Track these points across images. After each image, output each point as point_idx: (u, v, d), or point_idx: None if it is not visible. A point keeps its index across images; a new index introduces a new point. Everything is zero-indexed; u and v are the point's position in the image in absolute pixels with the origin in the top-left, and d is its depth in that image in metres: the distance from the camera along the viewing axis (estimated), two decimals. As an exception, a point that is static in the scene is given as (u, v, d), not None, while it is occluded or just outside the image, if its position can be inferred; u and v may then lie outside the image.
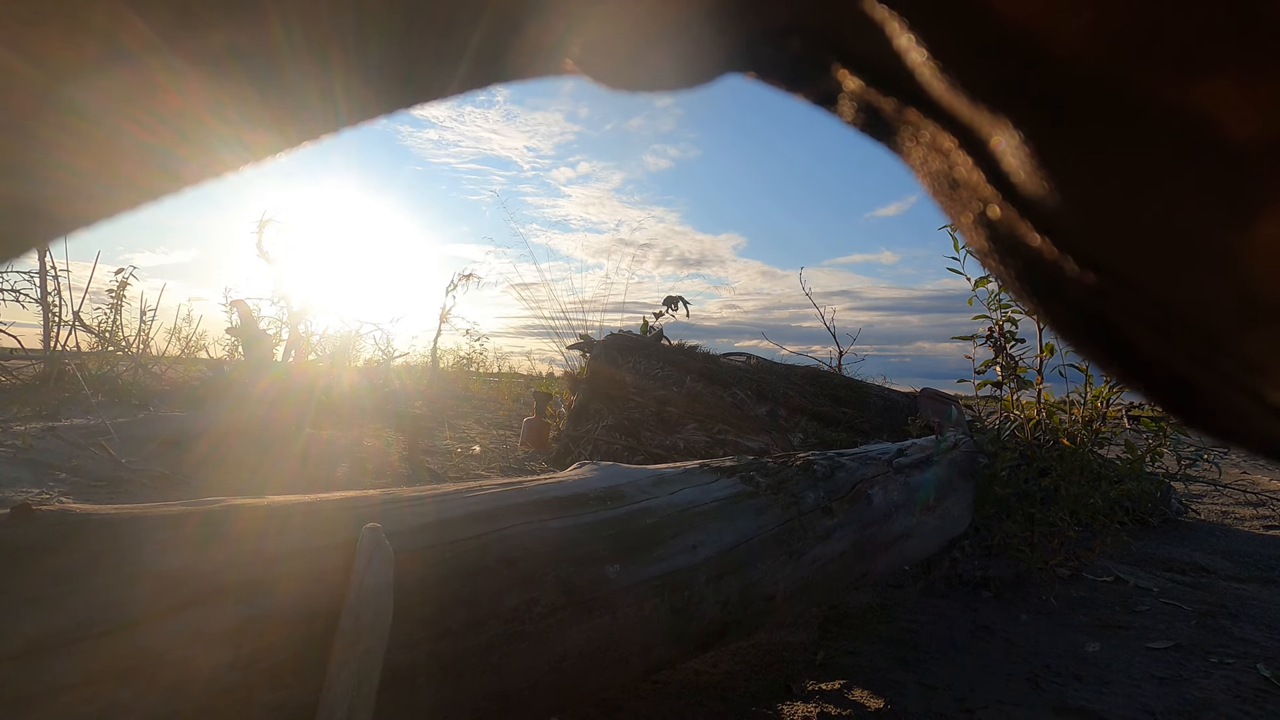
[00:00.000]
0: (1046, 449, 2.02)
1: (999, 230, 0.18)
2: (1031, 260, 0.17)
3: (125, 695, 0.48)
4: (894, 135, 0.20)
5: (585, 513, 0.89)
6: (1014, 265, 0.18)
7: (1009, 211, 0.17)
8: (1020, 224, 0.17)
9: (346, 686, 0.57)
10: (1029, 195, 0.16)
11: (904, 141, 0.20)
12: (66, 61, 0.19)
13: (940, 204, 0.20)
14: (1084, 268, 0.16)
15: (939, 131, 0.18)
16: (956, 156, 0.18)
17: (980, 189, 0.17)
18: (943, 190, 0.19)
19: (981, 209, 0.18)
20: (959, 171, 0.18)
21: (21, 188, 0.22)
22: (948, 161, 0.18)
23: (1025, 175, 0.16)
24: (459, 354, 9.11)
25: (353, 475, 2.75)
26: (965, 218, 0.19)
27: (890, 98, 0.19)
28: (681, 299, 3.81)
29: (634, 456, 2.93)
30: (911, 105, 0.18)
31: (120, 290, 5.02)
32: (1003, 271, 0.19)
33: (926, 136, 0.18)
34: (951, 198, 0.19)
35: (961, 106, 0.16)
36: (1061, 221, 0.16)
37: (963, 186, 0.18)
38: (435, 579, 0.69)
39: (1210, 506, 3.51)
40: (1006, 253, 0.18)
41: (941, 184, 0.19)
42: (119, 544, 0.55)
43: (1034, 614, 1.78)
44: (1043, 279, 0.18)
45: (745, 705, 1.20)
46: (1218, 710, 1.28)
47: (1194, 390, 0.17)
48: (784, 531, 1.15)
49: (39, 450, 2.37)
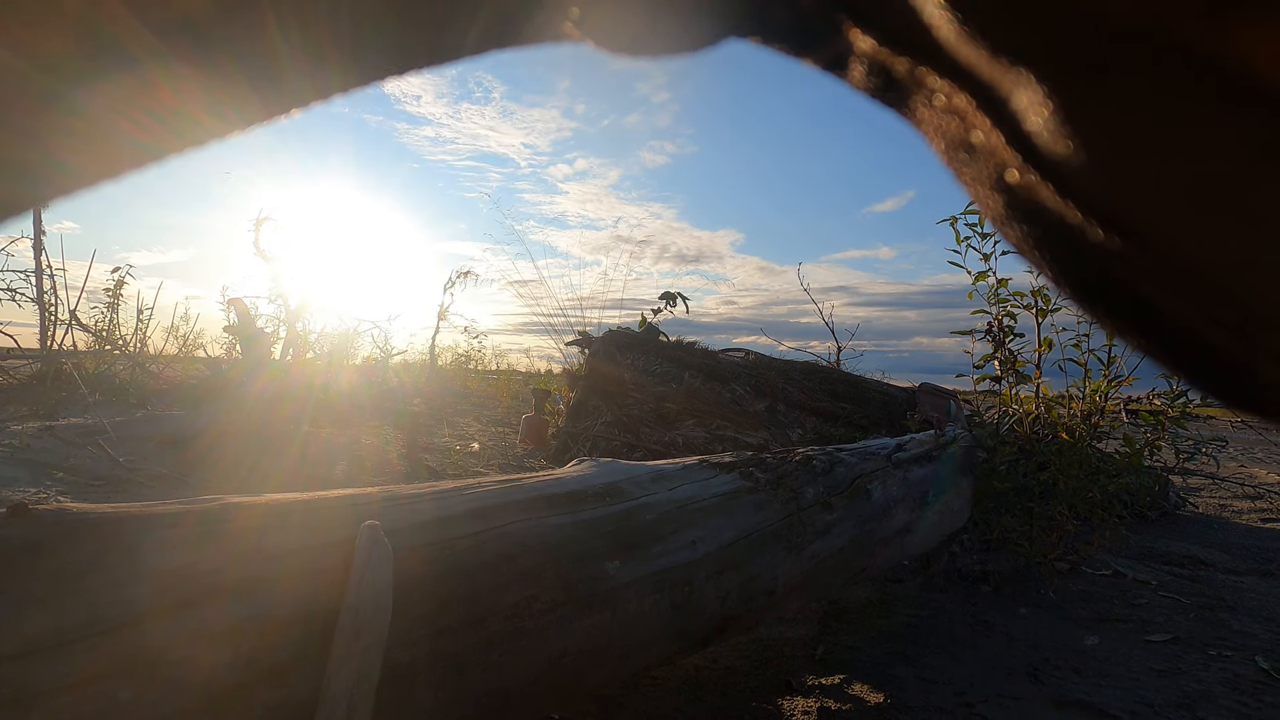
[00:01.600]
0: (1045, 443, 2.03)
1: (1018, 195, 0.17)
2: (1052, 225, 0.17)
3: (125, 695, 0.48)
4: (907, 100, 0.19)
5: (585, 509, 0.89)
6: (1033, 232, 0.17)
7: (1029, 175, 0.16)
8: (1041, 187, 0.16)
9: (346, 684, 0.57)
10: (1052, 156, 0.15)
11: (917, 106, 0.19)
12: (72, 64, 0.19)
13: (955, 171, 0.19)
14: (1108, 231, 0.16)
15: (955, 92, 0.17)
16: (974, 118, 0.17)
17: (999, 152, 0.17)
18: (958, 156, 0.18)
19: (999, 174, 0.17)
20: (976, 135, 0.17)
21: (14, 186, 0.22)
22: (964, 124, 0.17)
23: (1048, 134, 0.15)
24: (457, 352, 9.11)
25: (351, 473, 2.74)
26: (982, 184, 0.18)
27: (904, 57, 0.18)
28: (680, 295, 3.81)
29: (633, 453, 2.93)
30: (927, 64, 0.17)
31: (117, 289, 5.01)
32: (1021, 239, 0.18)
33: (942, 99, 0.18)
34: (967, 163, 0.18)
35: (981, 62, 0.16)
36: (1086, 183, 0.15)
37: (980, 151, 0.17)
38: (434, 576, 0.69)
39: (1208, 500, 3.52)
40: (1025, 219, 0.17)
41: (957, 149, 0.18)
42: (117, 543, 0.54)
43: (1033, 608, 1.78)
44: (1064, 245, 0.17)
45: (745, 700, 1.20)
46: (1216, 702, 1.28)
47: (1221, 358, 0.16)
48: (784, 527, 1.15)
49: (36, 450, 2.37)
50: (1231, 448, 6.22)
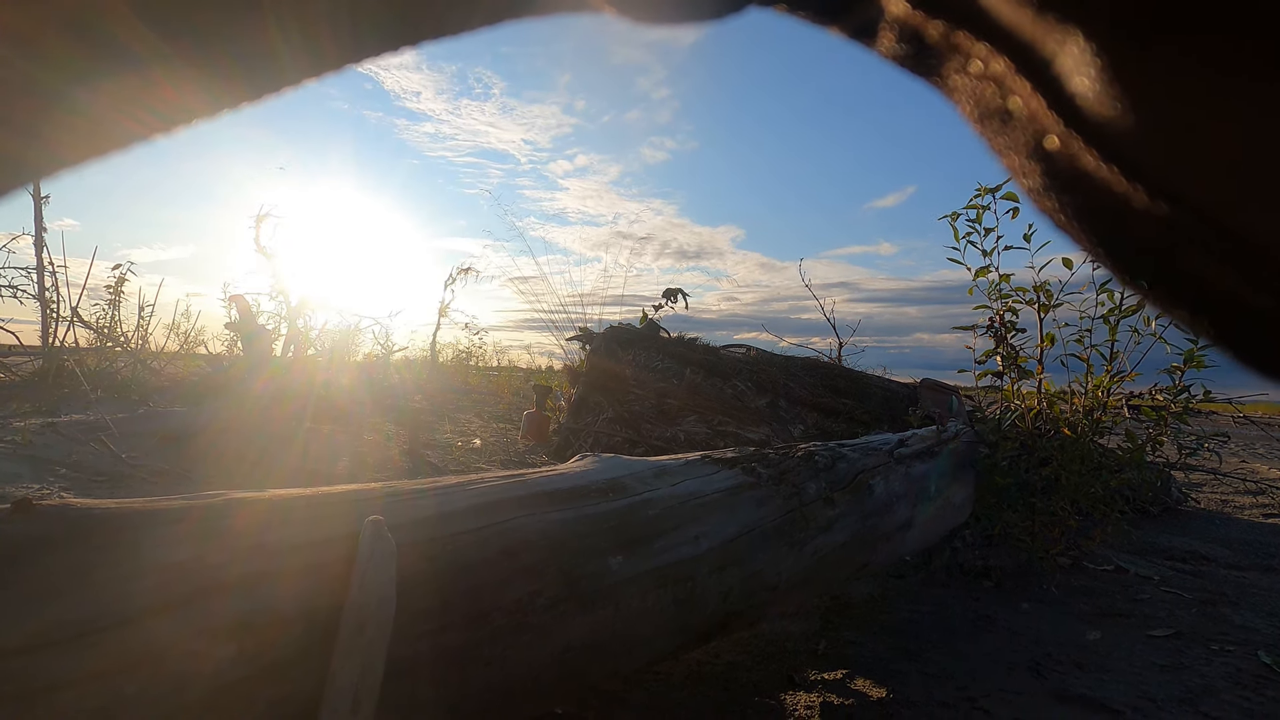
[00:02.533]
0: (1047, 438, 2.02)
1: (1058, 163, 0.16)
2: (1094, 194, 0.16)
3: (129, 690, 0.48)
4: (939, 67, 0.18)
5: (587, 505, 0.89)
6: (1073, 201, 0.17)
7: (1071, 140, 0.16)
8: (1084, 153, 0.15)
9: (350, 680, 0.57)
10: (1098, 118, 0.15)
11: (950, 73, 0.18)
12: (77, 64, 0.19)
13: (989, 140, 0.18)
14: (1155, 198, 0.15)
15: (993, 56, 0.16)
16: (1013, 83, 0.16)
17: (1039, 117, 0.16)
18: (993, 124, 0.18)
19: (1038, 141, 0.16)
20: (1014, 100, 0.17)
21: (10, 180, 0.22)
22: (1001, 90, 0.17)
23: (1095, 95, 0.14)
24: (458, 348, 9.10)
25: (353, 469, 2.75)
26: (1018, 152, 0.17)
27: (939, 20, 0.17)
28: (681, 291, 3.80)
29: (635, 449, 2.93)
30: (963, 27, 0.17)
31: (118, 286, 5.01)
32: (1059, 209, 0.17)
33: (978, 64, 0.17)
34: (1003, 131, 0.17)
35: (1024, 21, 0.15)
36: (1133, 147, 0.15)
37: (1017, 117, 0.17)
38: (437, 572, 0.69)
39: (1210, 495, 3.51)
40: (1065, 188, 0.17)
41: (992, 116, 0.17)
42: (120, 539, 0.54)
43: (1035, 603, 1.78)
44: (1106, 214, 0.16)
45: (748, 695, 1.20)
46: (1219, 697, 1.28)
47: (1276, 332, 0.16)
48: (786, 522, 1.15)
49: (39, 446, 2.37)
50: (1233, 443, 6.21)
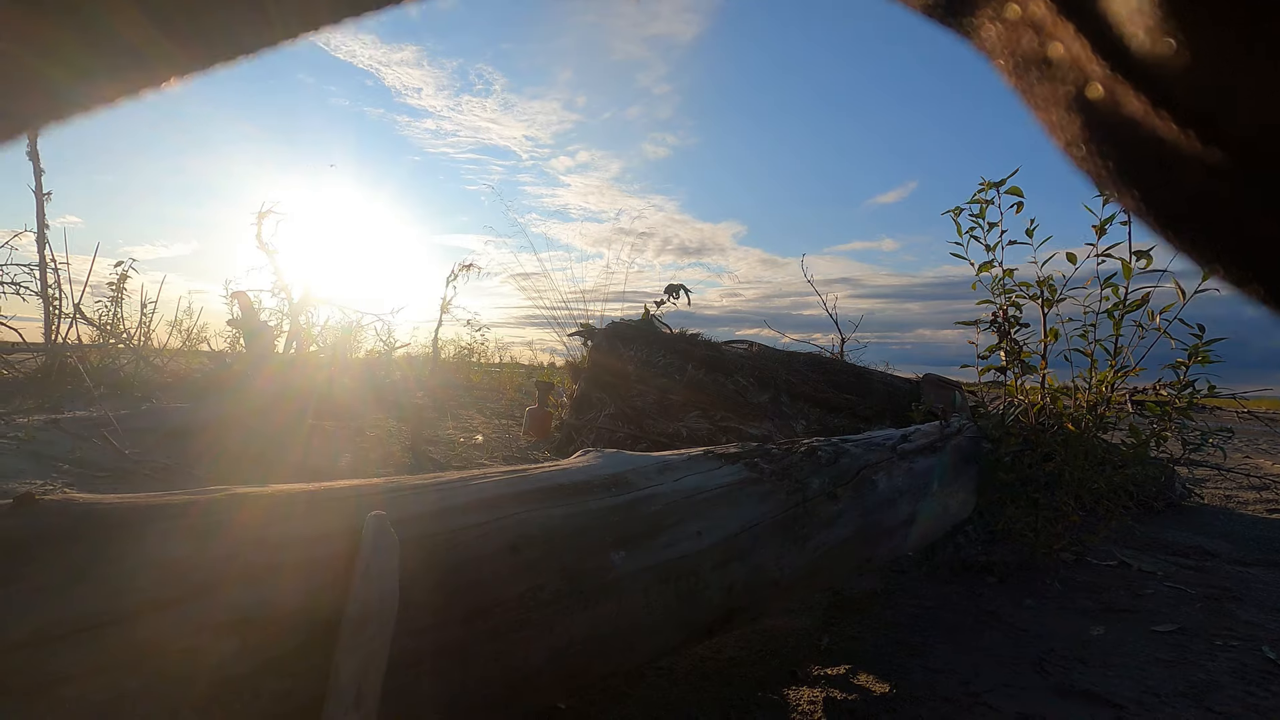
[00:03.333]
0: (1050, 434, 2.02)
1: (1099, 113, 0.16)
2: (1141, 143, 0.15)
3: (133, 684, 0.48)
4: (973, 15, 0.18)
5: (590, 500, 0.89)
6: (1115, 154, 0.16)
7: (1118, 85, 0.15)
8: (1132, 99, 0.15)
9: (353, 673, 0.57)
10: (1151, 58, 0.14)
11: (983, 22, 0.17)
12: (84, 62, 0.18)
13: (1024, 93, 0.18)
14: (1210, 145, 0.14)
15: (1033, 0, 0.16)
16: (1054, 28, 0.16)
17: (1082, 63, 0.15)
18: (1031, 75, 0.17)
19: (1080, 89, 0.16)
20: (1055, 47, 0.16)
21: None
22: (1040, 36, 0.16)
23: (1146, 33, 0.14)
24: (460, 345, 9.10)
25: (355, 465, 2.75)
26: (1057, 104, 0.17)
27: None
28: (683, 287, 3.79)
29: (637, 444, 2.93)
30: None
31: (120, 283, 5.01)
32: (1098, 162, 0.17)
33: (1015, 9, 0.16)
34: (1041, 81, 0.17)
35: None
36: (1189, 89, 0.14)
37: (1058, 65, 0.16)
38: (440, 566, 0.69)
39: (1214, 490, 3.51)
40: (1107, 138, 0.16)
41: (1029, 67, 0.17)
42: (123, 534, 0.54)
43: (1038, 598, 1.78)
44: (1153, 164, 0.15)
45: (751, 690, 1.20)
46: (1223, 692, 1.28)
47: None
48: (789, 517, 1.15)
49: (42, 442, 2.38)
50: (1238, 439, 6.20)
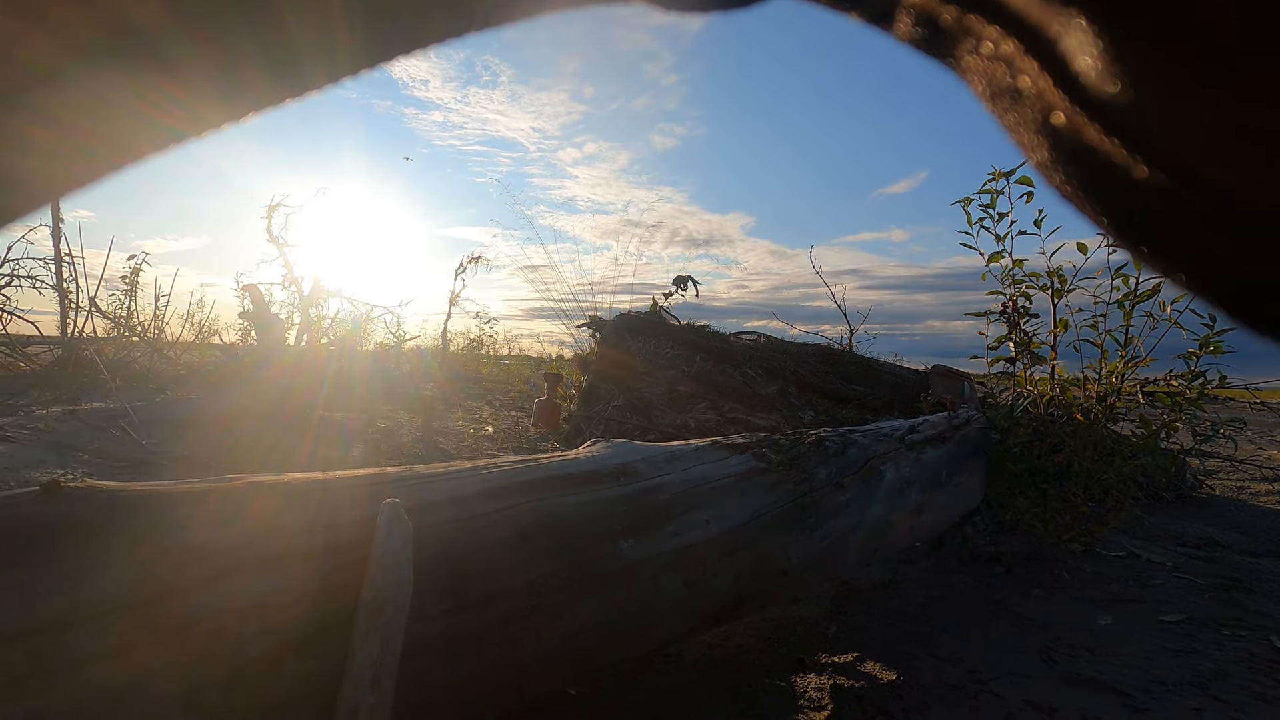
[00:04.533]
0: (1060, 425, 2.01)
1: (1063, 138, 0.18)
2: (1097, 165, 0.17)
3: (157, 664, 0.50)
4: (953, 49, 0.19)
5: (599, 489, 0.90)
6: (1077, 172, 0.18)
7: (1076, 116, 0.17)
8: (1088, 128, 0.17)
9: (370, 657, 0.59)
10: (1099, 95, 0.16)
11: (963, 54, 0.19)
12: (84, 37, 0.19)
13: (1000, 118, 0.19)
14: (1154, 169, 0.16)
15: (1003, 38, 0.18)
16: (1021, 63, 0.17)
17: (1046, 95, 0.17)
18: (1004, 103, 0.19)
19: (1045, 117, 0.18)
20: (1023, 79, 0.18)
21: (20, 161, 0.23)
22: (1011, 70, 0.18)
23: (1097, 74, 0.16)
24: (469, 337, 9.14)
25: (367, 455, 2.78)
26: (1027, 128, 0.18)
27: (951, 5, 0.18)
28: (690, 279, 3.79)
29: (645, 435, 2.94)
30: (974, 11, 0.18)
31: (134, 276, 5.07)
32: (1065, 180, 0.19)
33: (989, 45, 0.18)
34: (1013, 109, 0.19)
35: (1030, 5, 0.16)
36: (1133, 122, 0.16)
37: (1026, 95, 0.18)
38: (452, 554, 0.70)
39: (1226, 482, 3.48)
40: (1070, 160, 0.18)
41: (1003, 95, 0.19)
42: (145, 520, 0.56)
43: (1046, 588, 1.78)
44: (1108, 184, 0.17)
45: (759, 677, 1.22)
46: (1231, 681, 1.28)
47: (1268, 293, 0.17)
48: (796, 507, 1.16)
49: (62, 433, 2.42)
50: (1250, 429, 6.15)
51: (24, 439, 2.30)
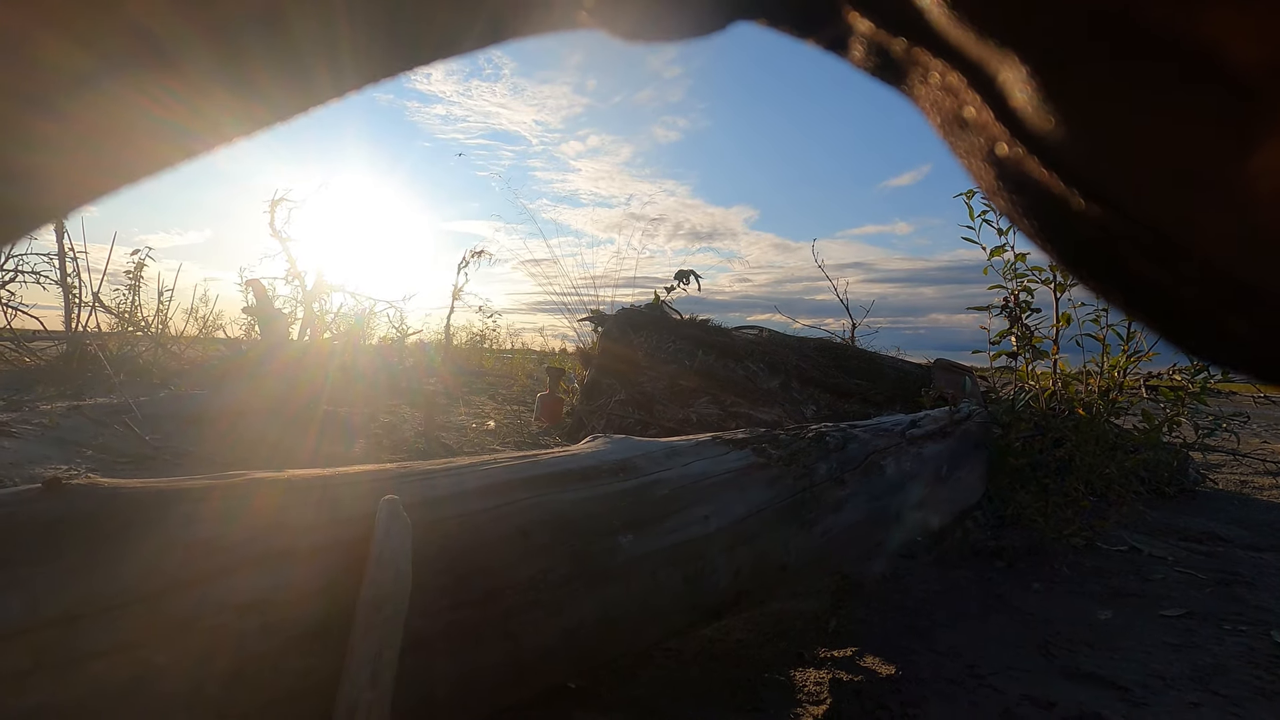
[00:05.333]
0: (1062, 419, 2.01)
1: (1007, 167, 0.18)
2: (1038, 195, 0.18)
3: (160, 660, 0.50)
4: (904, 77, 0.20)
5: (599, 484, 0.91)
6: (1021, 201, 0.19)
7: (1016, 148, 0.17)
8: (1028, 160, 0.17)
9: (370, 653, 0.59)
10: (1036, 130, 0.17)
11: (914, 83, 0.20)
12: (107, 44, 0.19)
13: (950, 144, 0.20)
14: (1089, 200, 0.17)
15: (948, 70, 0.18)
16: (966, 95, 0.18)
17: (989, 127, 0.18)
18: (952, 130, 0.19)
19: (990, 147, 0.18)
20: (968, 110, 0.18)
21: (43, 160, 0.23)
22: (957, 101, 0.19)
23: (1032, 110, 0.16)
24: (472, 331, 9.15)
25: (369, 450, 2.79)
26: (975, 156, 0.19)
27: (900, 38, 0.19)
28: (693, 273, 3.79)
29: (647, 430, 2.95)
30: (921, 45, 0.19)
31: (137, 271, 5.08)
32: (1010, 208, 0.19)
33: (936, 77, 0.19)
34: (961, 137, 0.19)
35: (970, 43, 0.17)
36: (1067, 156, 0.16)
37: (972, 125, 0.19)
38: (452, 550, 0.71)
39: (1228, 476, 3.48)
40: (1014, 189, 0.19)
41: (951, 124, 0.19)
42: (147, 516, 0.56)
43: (1046, 583, 1.79)
44: (1049, 212, 0.18)
45: (758, 671, 1.22)
46: (1230, 675, 1.29)
47: (1191, 314, 0.18)
48: (796, 502, 1.16)
49: (65, 428, 2.43)
50: (1254, 423, 6.12)
51: (28, 434, 2.32)
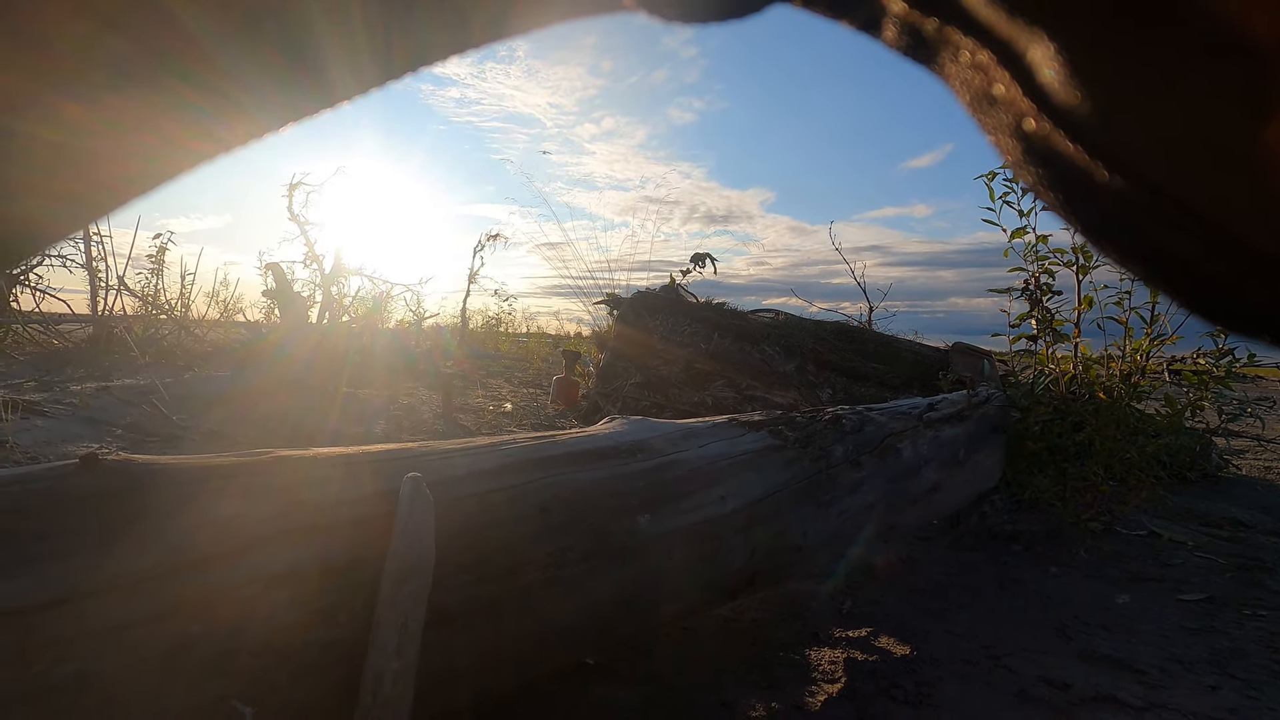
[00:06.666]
0: (1082, 403, 1.99)
1: (1034, 142, 0.19)
2: (1064, 168, 0.19)
3: (194, 630, 0.52)
4: (935, 56, 0.21)
5: (616, 465, 0.92)
6: (1047, 175, 0.19)
7: (1043, 123, 0.18)
8: (1054, 134, 0.18)
9: (394, 625, 0.61)
10: (1062, 105, 0.17)
11: (945, 62, 0.21)
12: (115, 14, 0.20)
13: (978, 120, 0.21)
14: (1113, 172, 0.17)
15: (978, 48, 0.19)
16: (995, 72, 0.19)
17: (1017, 102, 0.19)
18: (981, 107, 0.20)
19: (1018, 122, 0.19)
20: (997, 87, 0.19)
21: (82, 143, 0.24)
22: (986, 78, 0.19)
23: (1059, 85, 0.17)
24: (488, 315, 9.19)
25: (389, 431, 2.83)
26: (1002, 132, 0.20)
27: (932, 18, 0.20)
28: (709, 256, 3.77)
29: (662, 413, 2.96)
30: (952, 24, 0.19)
31: (160, 255, 5.16)
32: (1036, 182, 0.20)
33: (966, 55, 0.20)
34: (989, 113, 0.20)
35: (1000, 21, 0.17)
36: (1092, 129, 0.17)
37: (1000, 102, 0.19)
38: (473, 527, 0.72)
39: (1253, 462, 3.43)
40: (1041, 163, 0.19)
41: (980, 100, 0.20)
42: (180, 492, 0.58)
43: (1064, 567, 1.78)
44: (1074, 186, 0.19)
45: (774, 650, 1.24)
46: (1249, 660, 1.28)
47: (1215, 285, 0.18)
48: (812, 484, 1.17)
49: (95, 408, 2.49)
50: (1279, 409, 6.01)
51: (60, 414, 2.38)
